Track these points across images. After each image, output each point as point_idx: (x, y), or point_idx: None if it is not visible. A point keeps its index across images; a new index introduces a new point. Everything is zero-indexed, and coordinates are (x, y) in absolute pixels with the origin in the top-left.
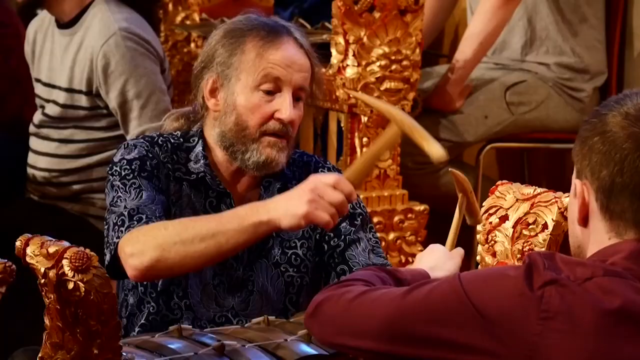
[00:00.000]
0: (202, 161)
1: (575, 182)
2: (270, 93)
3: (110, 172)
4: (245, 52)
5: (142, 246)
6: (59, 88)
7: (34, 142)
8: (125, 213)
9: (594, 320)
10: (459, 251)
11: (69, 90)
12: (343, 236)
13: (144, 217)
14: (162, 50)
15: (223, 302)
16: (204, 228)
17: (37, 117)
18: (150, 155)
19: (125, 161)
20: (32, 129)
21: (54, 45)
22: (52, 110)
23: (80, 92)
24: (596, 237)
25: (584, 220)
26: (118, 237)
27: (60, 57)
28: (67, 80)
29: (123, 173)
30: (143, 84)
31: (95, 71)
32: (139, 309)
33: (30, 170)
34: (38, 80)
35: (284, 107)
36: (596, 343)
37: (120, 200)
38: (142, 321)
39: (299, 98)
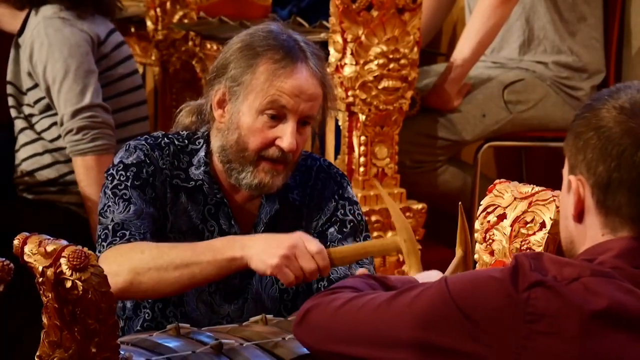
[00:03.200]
0: (202, 168)
1: (570, 178)
2: (275, 118)
3: (106, 173)
4: (257, 74)
5: (118, 267)
6: (25, 93)
7: (16, 144)
8: (110, 227)
9: (580, 323)
10: None
11: (31, 89)
12: (329, 242)
13: (127, 233)
14: (104, 31)
15: (219, 309)
16: (179, 257)
17: (13, 113)
18: (148, 162)
19: (122, 165)
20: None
21: (18, 54)
22: (26, 110)
23: (35, 87)
24: (591, 233)
25: (579, 217)
26: (100, 252)
27: (21, 64)
28: (26, 83)
29: (116, 181)
30: (57, 68)
31: (29, 65)
32: (135, 314)
33: (16, 170)
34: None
35: (286, 135)
36: (583, 345)
37: (110, 211)
38: (138, 327)
39: (306, 123)
